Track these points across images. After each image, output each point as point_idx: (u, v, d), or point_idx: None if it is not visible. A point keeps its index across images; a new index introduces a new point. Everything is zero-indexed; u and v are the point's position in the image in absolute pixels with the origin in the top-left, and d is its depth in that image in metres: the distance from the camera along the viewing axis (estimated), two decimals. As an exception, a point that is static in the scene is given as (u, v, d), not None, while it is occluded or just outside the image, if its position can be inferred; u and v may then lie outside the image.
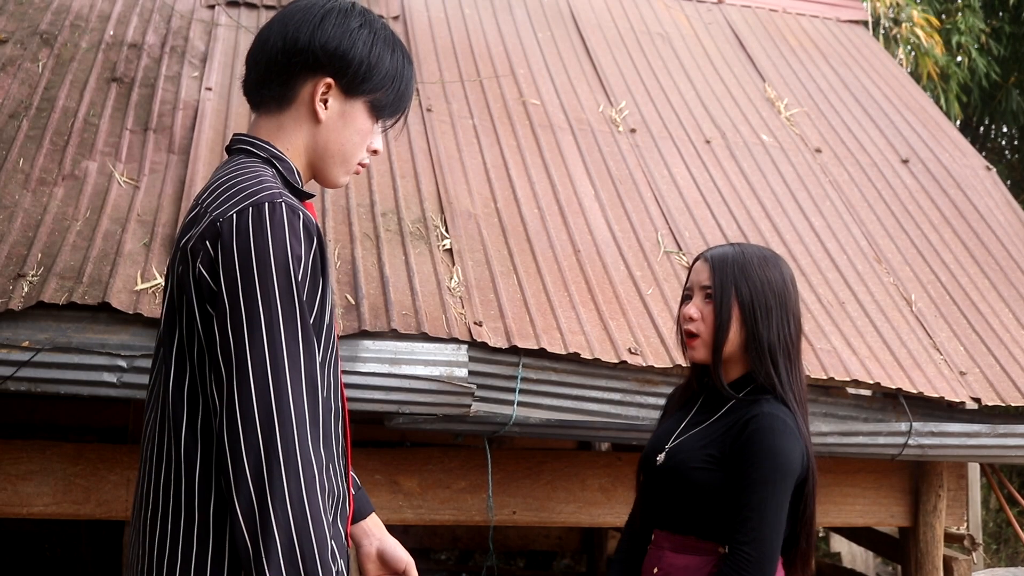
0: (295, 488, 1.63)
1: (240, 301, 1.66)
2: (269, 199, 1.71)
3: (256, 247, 1.67)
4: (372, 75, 1.87)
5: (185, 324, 1.74)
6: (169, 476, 1.75)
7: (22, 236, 3.61)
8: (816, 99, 5.84)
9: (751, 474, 2.37)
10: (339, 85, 1.85)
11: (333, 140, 1.88)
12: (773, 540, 2.36)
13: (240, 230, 1.68)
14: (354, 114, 1.88)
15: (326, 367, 1.78)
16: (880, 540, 5.21)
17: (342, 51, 1.84)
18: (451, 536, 6.35)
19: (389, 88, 1.90)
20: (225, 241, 1.68)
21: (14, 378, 3.22)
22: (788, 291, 2.51)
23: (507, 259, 4.02)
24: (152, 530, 1.77)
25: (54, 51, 4.70)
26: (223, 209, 1.72)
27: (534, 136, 4.86)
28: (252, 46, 1.91)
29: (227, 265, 1.67)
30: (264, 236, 1.68)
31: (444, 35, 5.53)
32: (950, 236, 4.97)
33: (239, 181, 1.77)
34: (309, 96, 1.86)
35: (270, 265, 1.66)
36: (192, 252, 1.71)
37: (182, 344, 1.74)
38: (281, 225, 1.69)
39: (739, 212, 4.71)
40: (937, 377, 4.07)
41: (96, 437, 5.36)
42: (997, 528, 9.91)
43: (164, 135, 4.28)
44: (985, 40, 10.19)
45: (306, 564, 1.64)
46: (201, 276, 1.70)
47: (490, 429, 3.67)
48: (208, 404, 1.72)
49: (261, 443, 1.63)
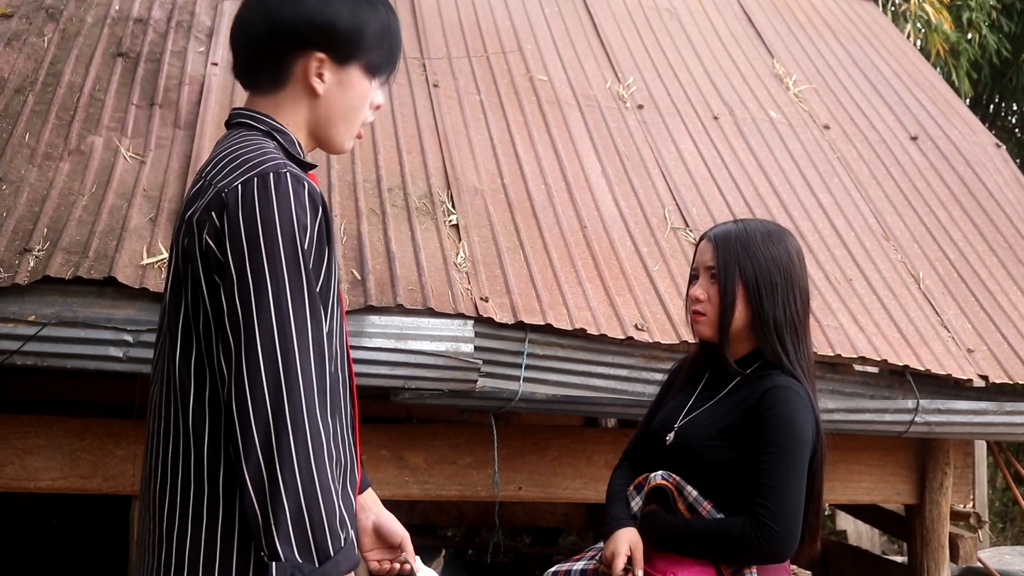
0: (303, 455, 1.64)
1: (247, 271, 1.66)
2: (274, 169, 1.71)
3: (262, 217, 1.67)
4: (362, 39, 1.86)
5: (191, 295, 1.74)
6: (177, 449, 1.75)
7: (28, 211, 3.60)
8: (825, 75, 5.81)
9: (769, 448, 2.35)
10: (331, 57, 1.84)
11: (335, 109, 1.88)
12: (798, 512, 2.36)
13: (246, 200, 1.68)
14: (351, 80, 1.87)
15: (332, 337, 1.79)
16: (886, 518, 5.21)
17: (328, 23, 1.82)
18: (457, 512, 6.35)
19: (380, 47, 1.89)
20: (231, 212, 1.68)
21: (20, 352, 3.22)
22: (793, 266, 2.50)
23: (513, 235, 4.01)
24: (161, 504, 1.77)
25: (60, 26, 4.68)
26: (228, 180, 1.71)
27: (541, 112, 4.84)
28: (233, 31, 1.89)
29: (233, 235, 1.67)
30: (270, 206, 1.68)
31: (451, 11, 5.51)
32: (959, 213, 4.95)
33: (242, 153, 1.76)
34: (303, 74, 1.85)
35: (277, 235, 1.66)
36: (198, 224, 1.71)
37: (188, 316, 1.74)
38: (286, 195, 1.69)
39: (747, 189, 4.69)
40: (944, 354, 4.06)
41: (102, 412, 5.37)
42: (1004, 507, 9.92)
43: (170, 110, 4.27)
44: (996, 16, 10.12)
45: (315, 531, 1.64)
46: (208, 247, 1.70)
47: (496, 405, 3.67)
48: (215, 375, 1.72)
49: (270, 411, 1.63)
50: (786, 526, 2.34)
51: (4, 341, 3.21)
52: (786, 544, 2.35)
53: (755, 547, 2.34)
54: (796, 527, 2.36)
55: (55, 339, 3.25)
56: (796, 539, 2.37)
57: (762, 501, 2.34)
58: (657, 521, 2.48)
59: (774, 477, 2.34)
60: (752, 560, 2.39)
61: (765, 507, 2.34)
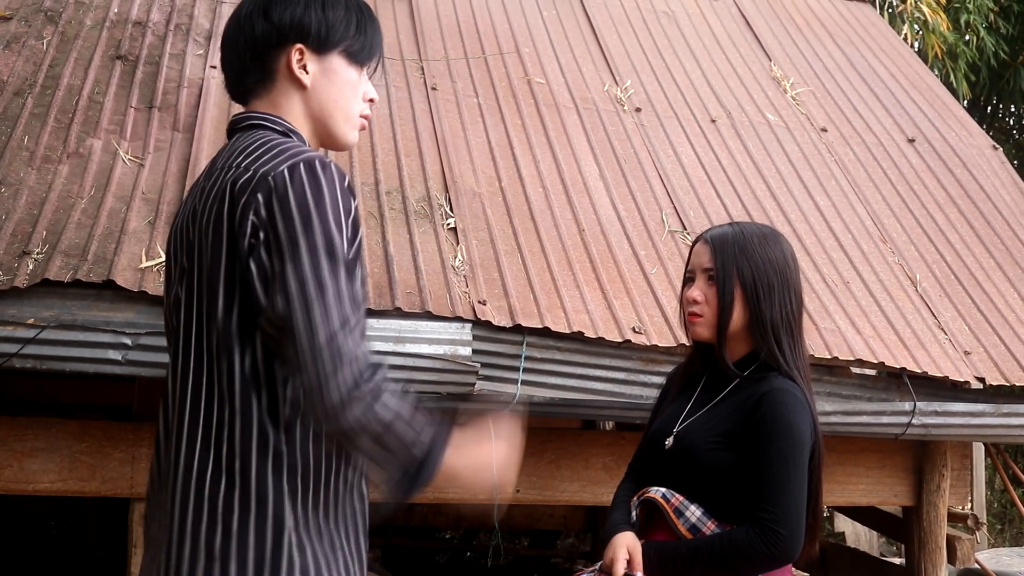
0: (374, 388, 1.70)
1: (303, 252, 1.71)
2: (319, 158, 1.78)
3: (314, 201, 1.73)
4: (334, 28, 1.95)
5: (228, 279, 1.76)
6: (208, 442, 1.76)
7: (27, 214, 3.61)
8: (822, 78, 5.82)
9: (770, 453, 2.35)
10: (309, 47, 1.93)
11: (326, 99, 1.95)
12: (801, 515, 2.37)
13: (295, 183, 1.74)
14: (335, 68, 1.96)
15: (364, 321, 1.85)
16: (884, 520, 5.22)
17: (297, 19, 1.92)
18: (456, 515, 6.36)
19: (356, 34, 1.97)
20: (281, 192, 1.73)
21: (20, 355, 3.23)
22: (789, 267, 2.51)
23: (511, 238, 4.02)
24: (185, 498, 1.76)
25: (58, 28, 4.69)
26: (272, 165, 1.77)
27: (539, 115, 4.85)
28: (222, 53, 1.99)
29: (286, 215, 1.72)
30: (320, 191, 1.74)
31: (449, 13, 5.52)
32: (956, 216, 4.96)
33: (278, 143, 1.83)
34: (286, 67, 1.93)
35: (329, 219, 1.73)
36: (243, 205, 1.74)
37: (228, 302, 1.77)
38: (332, 183, 1.76)
39: (744, 192, 4.70)
40: (941, 357, 4.07)
41: (101, 415, 5.37)
42: (1002, 508, 9.92)
43: (168, 113, 4.27)
44: (993, 19, 10.14)
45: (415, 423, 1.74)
46: (254, 229, 1.73)
47: (494, 408, 3.67)
48: (255, 351, 1.76)
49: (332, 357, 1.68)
50: (791, 529, 2.34)
51: (3, 344, 3.22)
52: (792, 547, 2.35)
53: (763, 553, 2.35)
54: (801, 529, 2.37)
55: (54, 342, 3.25)
56: (801, 541, 2.37)
57: (765, 506, 2.34)
58: (660, 548, 2.46)
59: (776, 482, 2.35)
60: (761, 567, 2.38)
61: (769, 512, 2.34)
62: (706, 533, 2.41)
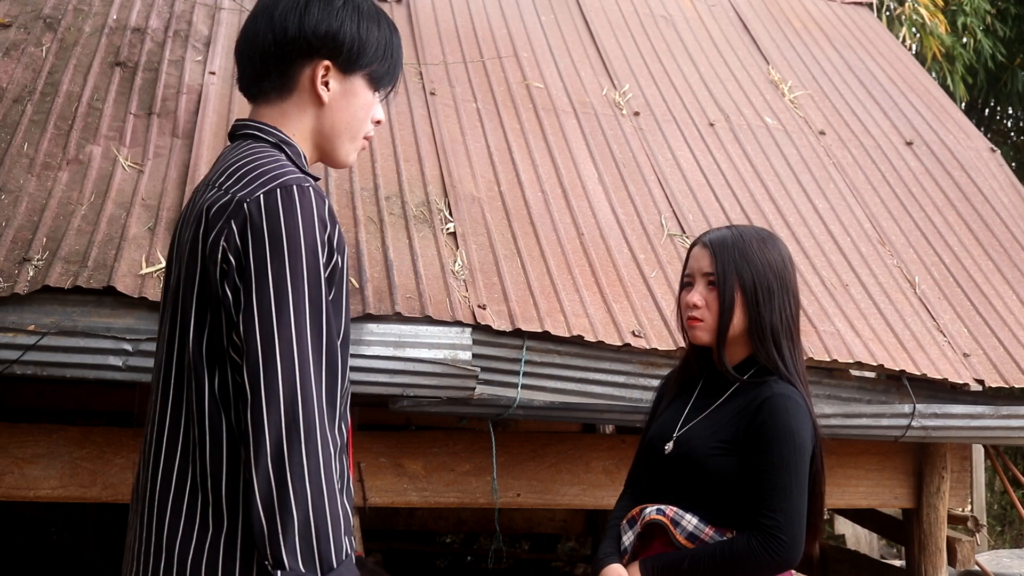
0: (314, 466, 1.66)
1: (270, 281, 1.69)
2: (297, 182, 1.75)
3: (287, 228, 1.71)
4: (365, 50, 1.92)
5: (200, 303, 1.75)
6: (185, 457, 1.76)
7: (27, 220, 3.61)
8: (820, 81, 5.82)
9: (771, 459, 2.36)
10: (336, 65, 1.90)
11: (339, 118, 1.93)
12: (802, 520, 2.38)
13: (269, 211, 1.71)
14: (355, 90, 1.93)
15: (345, 348, 1.82)
16: (884, 522, 5.22)
17: (333, 33, 1.89)
18: (456, 519, 6.36)
19: (383, 59, 1.95)
20: (254, 221, 1.71)
21: (20, 362, 3.23)
22: (787, 271, 2.51)
23: (511, 242, 4.03)
24: (162, 512, 1.77)
25: (57, 35, 4.70)
26: (248, 190, 1.75)
27: (537, 119, 4.86)
28: (240, 43, 1.95)
29: (257, 244, 1.70)
30: (294, 218, 1.71)
31: (447, 18, 5.52)
32: (954, 218, 4.96)
33: (260, 164, 1.80)
34: (309, 81, 1.90)
35: (300, 247, 1.70)
36: (216, 231, 1.73)
37: (199, 323, 1.76)
38: (309, 208, 1.73)
39: (743, 195, 4.70)
40: (940, 359, 4.07)
41: (102, 421, 5.37)
42: (1002, 510, 9.92)
43: (168, 119, 4.28)
44: (991, 21, 10.15)
45: (320, 542, 1.66)
46: (225, 255, 1.72)
47: (494, 412, 3.68)
48: (231, 382, 1.74)
49: (283, 420, 1.65)
50: (792, 535, 2.35)
51: (4, 351, 3.22)
52: (794, 552, 2.36)
53: (765, 559, 2.35)
54: (802, 534, 2.38)
55: (55, 348, 3.25)
56: (803, 545, 2.38)
57: (767, 512, 2.35)
58: (661, 562, 2.46)
59: (777, 488, 2.35)
60: (763, 573, 2.39)
61: (771, 518, 2.35)
62: (704, 540, 2.41)
